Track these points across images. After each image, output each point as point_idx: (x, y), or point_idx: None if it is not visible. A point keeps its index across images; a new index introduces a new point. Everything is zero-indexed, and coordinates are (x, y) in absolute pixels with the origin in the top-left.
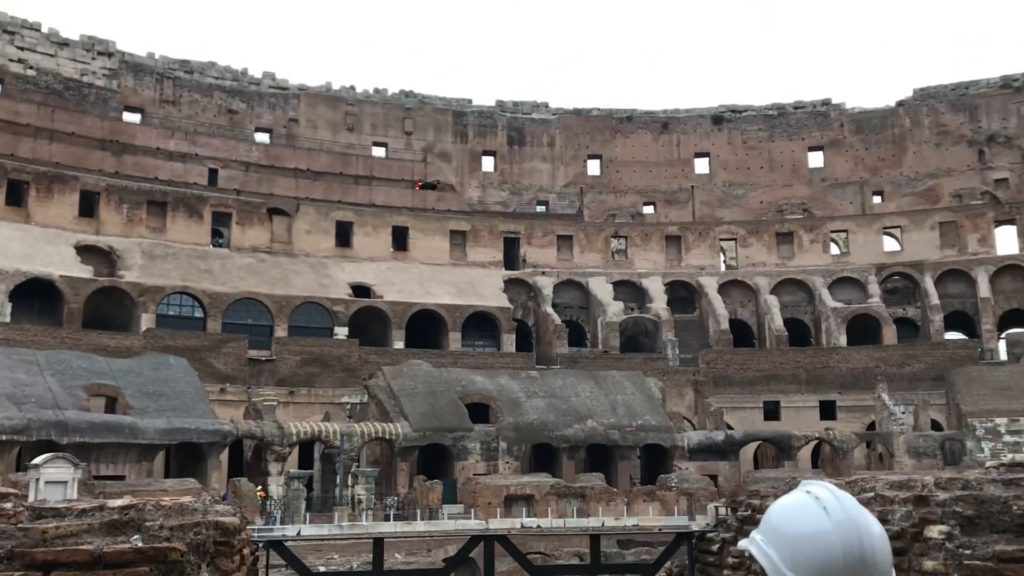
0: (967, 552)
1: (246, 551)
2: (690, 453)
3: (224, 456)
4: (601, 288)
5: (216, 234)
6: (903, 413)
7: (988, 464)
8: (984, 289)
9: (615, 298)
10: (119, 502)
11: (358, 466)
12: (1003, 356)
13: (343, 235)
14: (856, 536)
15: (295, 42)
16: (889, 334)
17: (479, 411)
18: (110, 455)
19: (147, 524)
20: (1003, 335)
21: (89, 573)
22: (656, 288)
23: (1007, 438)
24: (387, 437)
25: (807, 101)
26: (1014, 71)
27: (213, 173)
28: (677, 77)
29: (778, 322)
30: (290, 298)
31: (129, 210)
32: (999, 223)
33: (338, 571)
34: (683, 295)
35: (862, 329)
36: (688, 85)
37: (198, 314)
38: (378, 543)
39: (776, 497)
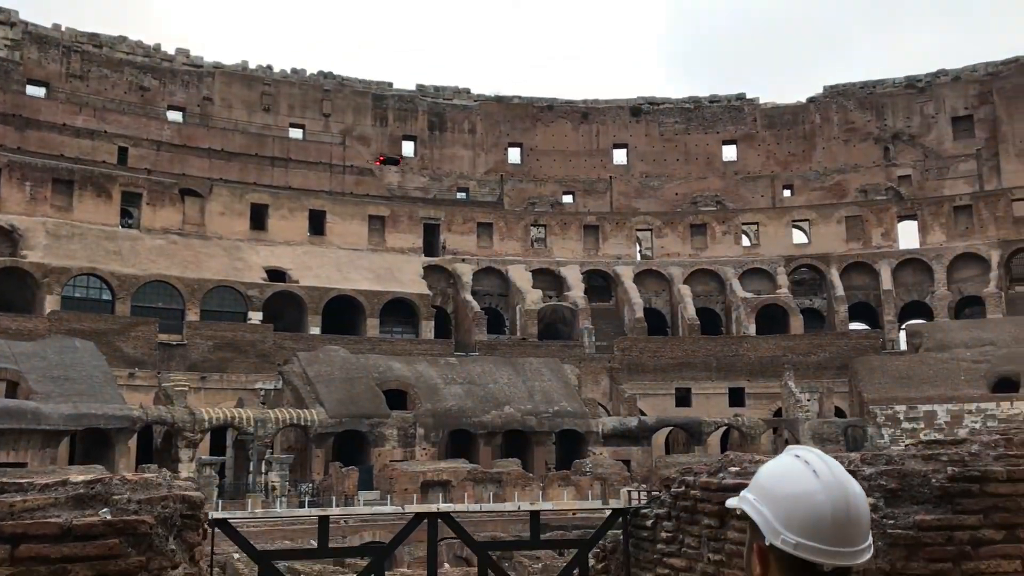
0: (890, 522)
1: (206, 526)
2: (604, 438)
3: (132, 443)
4: (520, 276)
5: (125, 215)
6: (808, 400)
7: (907, 442)
8: (887, 281)
9: (534, 286)
10: (83, 477)
11: (272, 453)
12: (903, 346)
13: (258, 218)
14: (842, 495)
15: (210, 19)
16: (796, 324)
17: (397, 398)
18: (11, 441)
19: (115, 498)
20: (903, 326)
21: (58, 545)
22: (574, 277)
23: (905, 424)
24: (302, 423)
25: (722, 95)
26: (918, 71)
27: (123, 151)
28: (597, 68)
29: (691, 311)
30: (202, 281)
31: (32, 188)
32: (902, 218)
33: (284, 548)
34: (600, 284)
35: (771, 319)
36: (608, 77)
37: (106, 297)
38: (324, 520)
39: (709, 474)
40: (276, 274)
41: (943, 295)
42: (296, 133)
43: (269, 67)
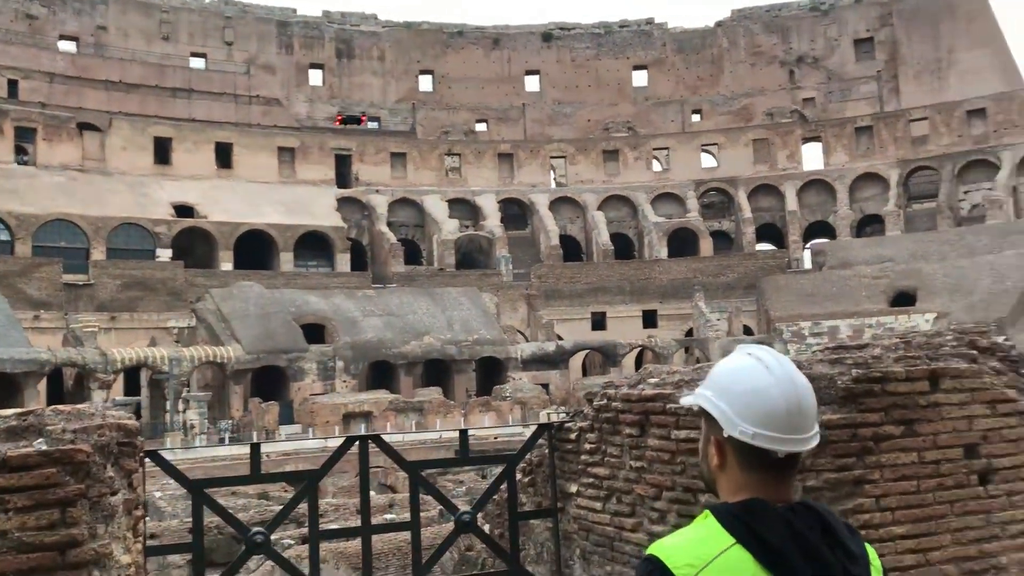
0: None
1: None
2: (523, 364)
3: (42, 386)
4: (436, 206)
5: (20, 151)
6: (718, 320)
7: (815, 348)
8: (792, 202)
9: (450, 216)
10: (12, 411)
11: (189, 391)
12: (807, 265)
13: (162, 152)
14: (793, 389)
15: None
16: (706, 246)
17: (315, 332)
18: None
19: (48, 428)
20: (808, 245)
21: None
22: (490, 206)
23: (810, 340)
24: (218, 361)
25: (632, 20)
26: None
27: (13, 84)
28: None
29: (604, 237)
30: (107, 219)
31: None
32: (806, 140)
33: (216, 477)
34: (515, 212)
35: (681, 242)
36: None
37: (4, 237)
38: (255, 447)
39: (629, 386)
40: (184, 210)
41: (845, 214)
42: (198, 63)
43: None
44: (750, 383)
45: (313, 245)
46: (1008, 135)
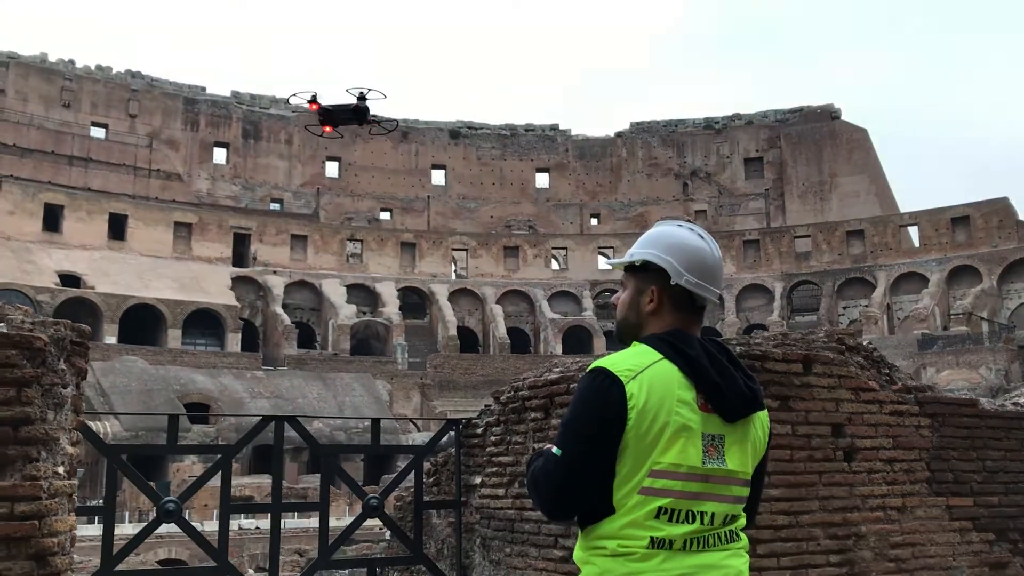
0: None
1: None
2: (400, 470)
3: None
4: (334, 290)
5: None
6: None
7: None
8: None
9: (348, 301)
10: None
11: None
12: None
13: (52, 219)
14: (715, 249)
15: (6, 4)
16: (599, 344)
17: (200, 409)
18: None
19: (9, 317)
20: None
21: None
22: (389, 293)
23: None
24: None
25: (537, 125)
26: (716, 114)
27: None
28: (416, 90)
29: (502, 330)
30: None
31: None
32: None
33: (135, 444)
34: (415, 301)
35: (575, 339)
36: (427, 98)
37: None
38: (173, 417)
39: (535, 376)
40: (70, 279)
41: (732, 322)
42: (99, 132)
43: (71, 61)
44: (691, 244)
45: (204, 323)
46: (883, 256)
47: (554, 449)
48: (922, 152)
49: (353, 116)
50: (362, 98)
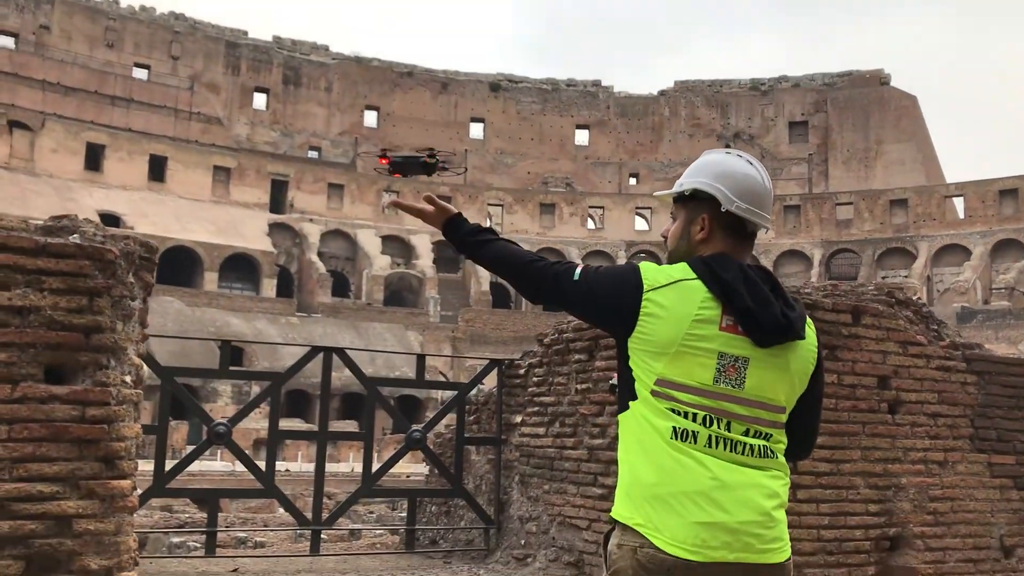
0: None
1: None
2: (443, 406)
3: None
4: (369, 241)
5: None
6: None
7: None
8: None
9: (383, 252)
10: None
11: None
12: None
13: (94, 158)
14: (766, 176)
15: None
16: None
17: (234, 354)
18: None
19: (82, 230)
20: None
21: (35, 259)
22: (424, 246)
23: None
24: None
25: (579, 80)
26: (763, 75)
27: None
28: (455, 42)
29: None
30: (28, 221)
31: None
32: None
33: (185, 367)
34: (449, 255)
35: None
36: (465, 52)
37: None
38: (226, 343)
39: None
40: (110, 219)
41: None
42: (141, 73)
43: (116, 1)
44: (741, 170)
45: (240, 267)
46: (926, 227)
47: (575, 273)
48: (971, 120)
49: (422, 169)
50: (432, 156)
